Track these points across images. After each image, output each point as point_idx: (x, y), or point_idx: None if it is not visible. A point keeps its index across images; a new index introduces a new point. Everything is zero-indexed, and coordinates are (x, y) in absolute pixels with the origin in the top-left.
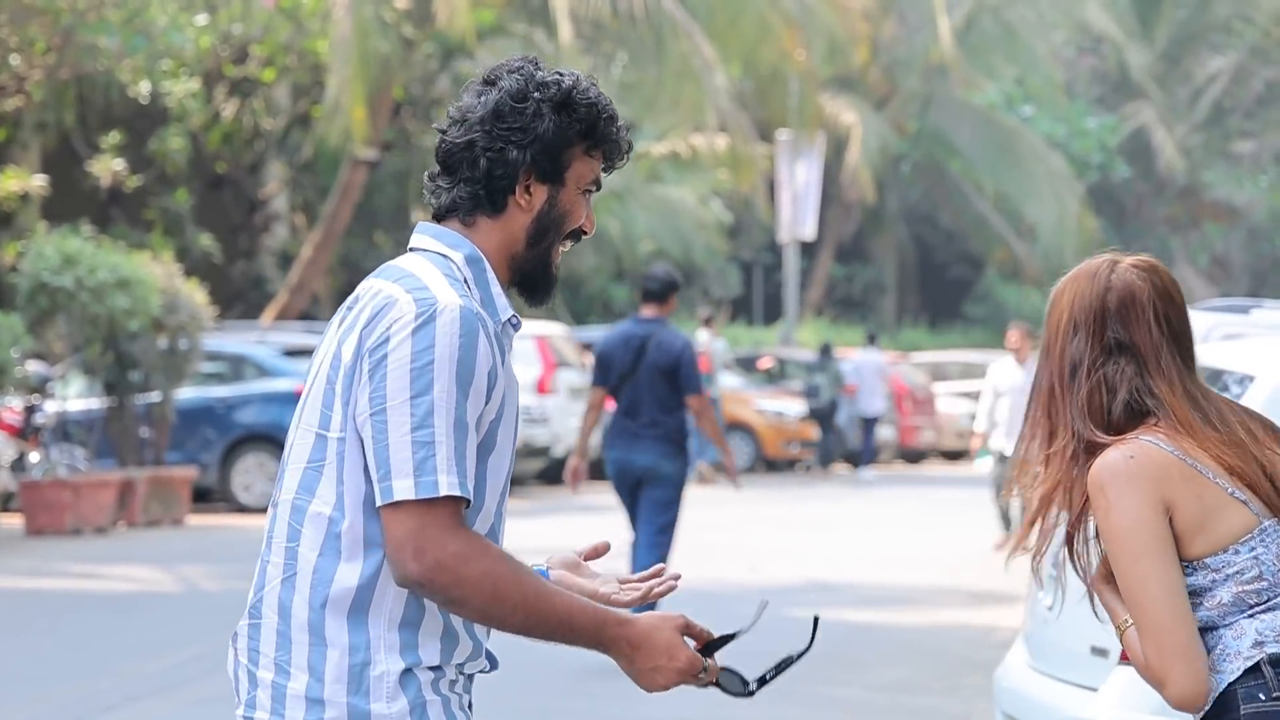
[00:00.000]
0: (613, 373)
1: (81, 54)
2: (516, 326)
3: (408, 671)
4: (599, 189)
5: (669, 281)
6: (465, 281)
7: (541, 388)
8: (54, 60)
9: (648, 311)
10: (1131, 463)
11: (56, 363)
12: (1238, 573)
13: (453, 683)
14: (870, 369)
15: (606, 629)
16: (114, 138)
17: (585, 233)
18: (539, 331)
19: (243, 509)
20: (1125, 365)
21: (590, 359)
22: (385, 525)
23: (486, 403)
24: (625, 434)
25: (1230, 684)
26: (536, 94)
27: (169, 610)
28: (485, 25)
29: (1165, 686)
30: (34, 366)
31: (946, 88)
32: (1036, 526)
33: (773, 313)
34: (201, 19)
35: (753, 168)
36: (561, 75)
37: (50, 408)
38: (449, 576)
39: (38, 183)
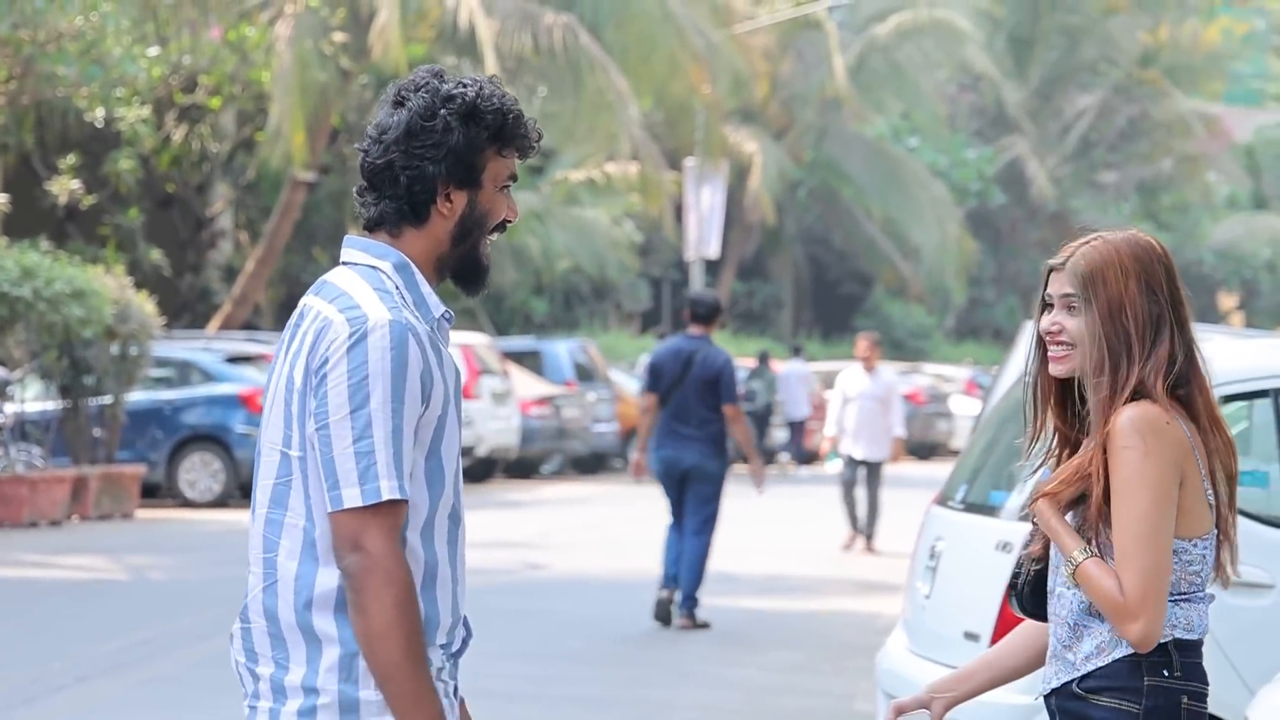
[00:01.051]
0: (663, 381)
1: (41, 81)
2: (450, 320)
3: None
4: (516, 180)
5: (714, 305)
6: (397, 288)
7: (466, 393)
8: (15, 87)
9: (695, 330)
10: (1169, 427)
11: (15, 367)
12: (1189, 562)
13: (439, 670)
14: (795, 378)
15: None
16: (71, 159)
17: (509, 222)
18: (463, 341)
19: (188, 504)
20: (1183, 321)
21: (511, 368)
22: (334, 527)
23: (425, 405)
24: (674, 435)
25: (1136, 653)
26: (444, 109)
27: (118, 598)
28: (416, 57)
29: (1136, 621)
30: None
31: (839, 120)
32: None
33: (679, 325)
34: (153, 50)
35: (661, 192)
36: (466, 85)
37: (9, 409)
38: (378, 577)
39: None
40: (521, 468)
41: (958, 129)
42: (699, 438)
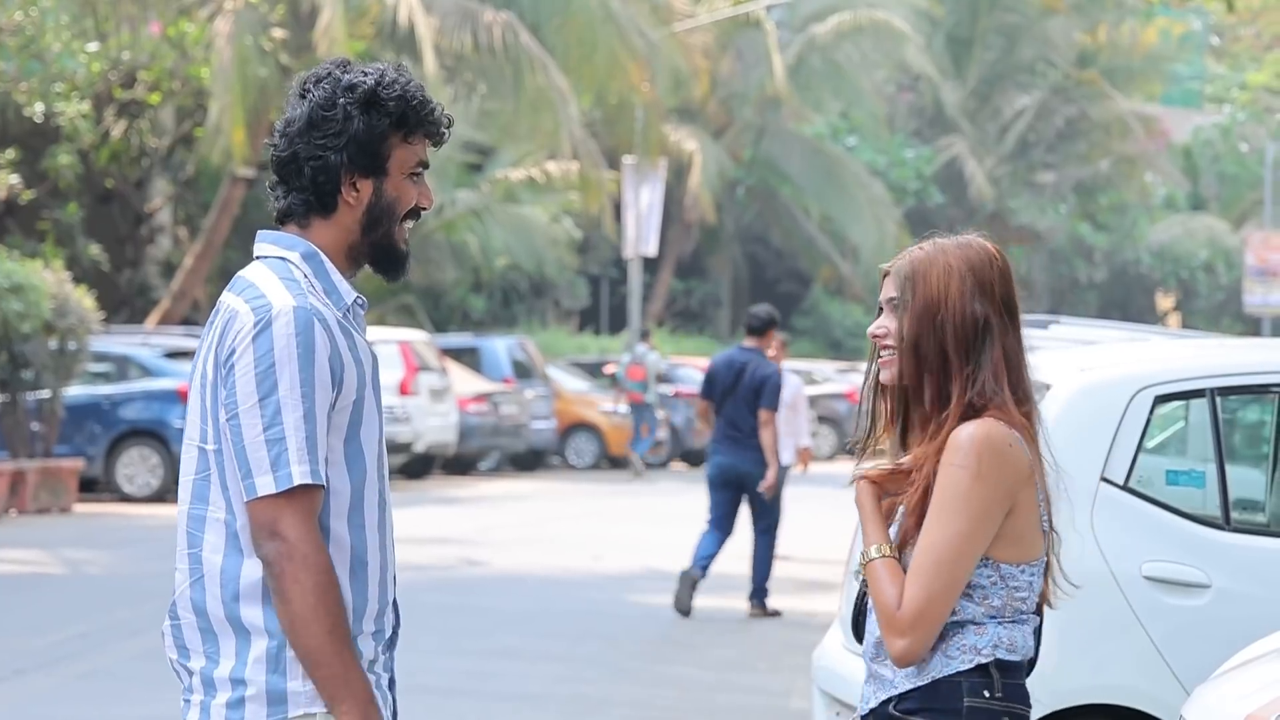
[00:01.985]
0: (716, 389)
1: None
2: (364, 306)
3: None
4: (427, 168)
5: (767, 319)
6: (305, 277)
7: (404, 389)
8: None
9: (749, 343)
10: (1011, 450)
11: None
12: (1015, 587)
13: (372, 663)
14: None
15: (370, 707)
16: (9, 154)
17: (423, 209)
18: (402, 337)
19: (126, 498)
20: (1012, 325)
21: (449, 365)
22: (250, 516)
23: (337, 389)
24: (730, 442)
25: (957, 673)
26: (343, 99)
27: (55, 591)
28: (357, 55)
29: (904, 638)
30: None
31: (778, 119)
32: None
33: (618, 323)
34: (93, 46)
35: (601, 190)
36: (367, 74)
37: None
38: (296, 563)
39: None
40: (459, 464)
41: (896, 129)
42: (753, 445)
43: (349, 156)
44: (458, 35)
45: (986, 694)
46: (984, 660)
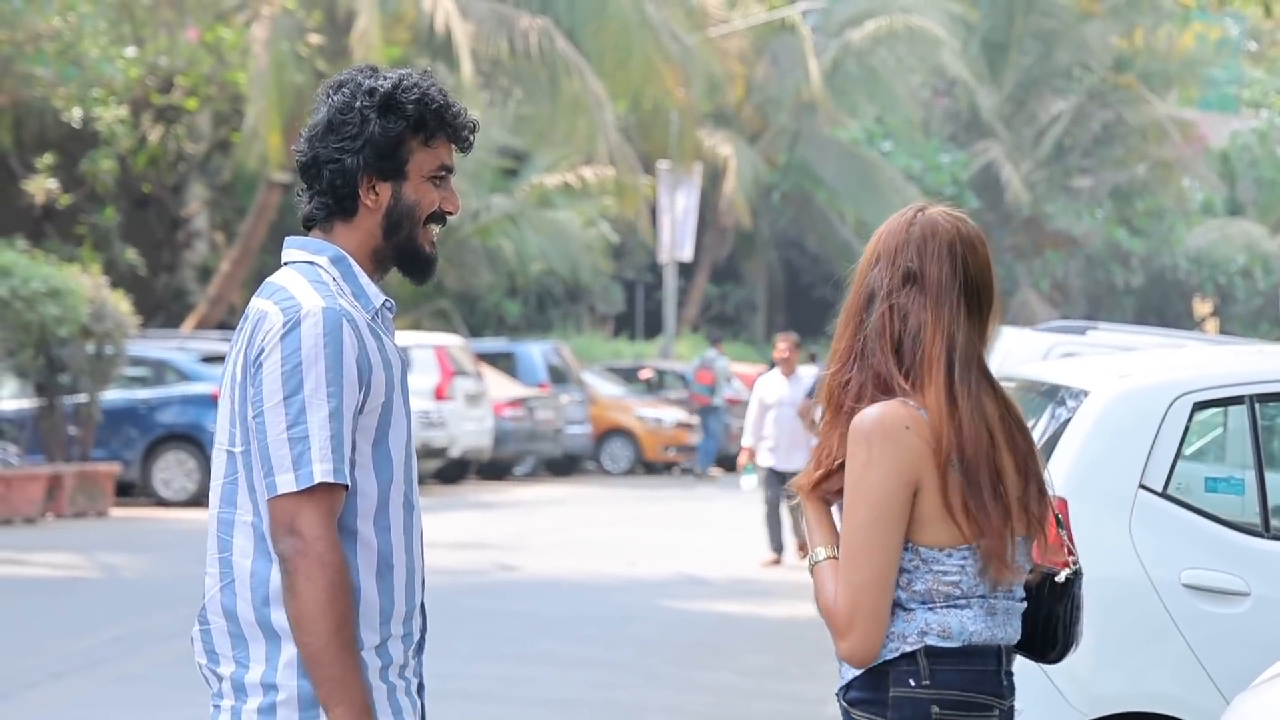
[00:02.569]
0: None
1: (19, 82)
2: (392, 309)
3: None
4: (451, 172)
5: None
6: (334, 280)
7: (440, 394)
8: None
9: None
10: (905, 433)
11: None
12: (942, 571)
13: (402, 668)
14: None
15: (365, 716)
16: (48, 159)
17: (448, 213)
18: (437, 342)
19: (162, 503)
20: (915, 293)
21: (484, 370)
22: (270, 513)
23: (364, 390)
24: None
25: (885, 662)
26: (360, 102)
27: (92, 595)
28: (393, 61)
29: (844, 638)
30: None
31: (814, 124)
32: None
33: (653, 328)
34: (130, 51)
35: (636, 195)
36: (386, 78)
37: None
38: (310, 560)
39: None
40: (494, 469)
41: (932, 134)
42: None
43: (366, 160)
44: (494, 40)
45: (912, 682)
46: (909, 648)
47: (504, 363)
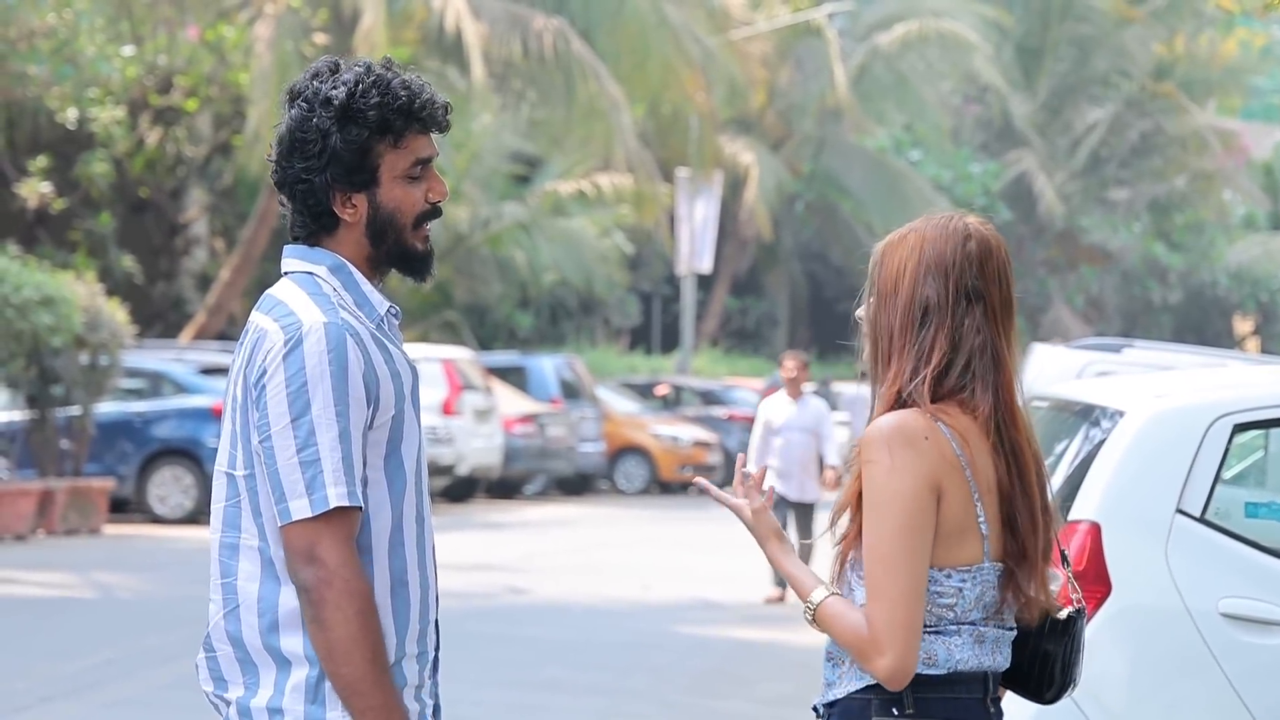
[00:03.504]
0: None
1: (12, 80)
2: (397, 316)
3: None
4: (430, 161)
5: None
6: (335, 290)
7: (447, 409)
8: None
9: None
10: (925, 442)
11: None
12: (938, 593)
13: (418, 689)
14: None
15: None
16: (41, 161)
17: (436, 203)
18: (446, 355)
19: (158, 520)
20: (980, 319)
21: (494, 384)
22: (285, 541)
23: (373, 406)
24: None
25: (866, 688)
26: (317, 118)
27: (84, 616)
28: (401, 62)
29: (882, 656)
30: None
31: (839, 132)
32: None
33: (670, 342)
34: (128, 50)
35: (654, 204)
36: (343, 82)
37: None
38: (336, 589)
39: None
40: (504, 488)
41: (962, 142)
42: None
43: (333, 176)
44: (507, 41)
45: (895, 711)
46: None
47: (514, 377)
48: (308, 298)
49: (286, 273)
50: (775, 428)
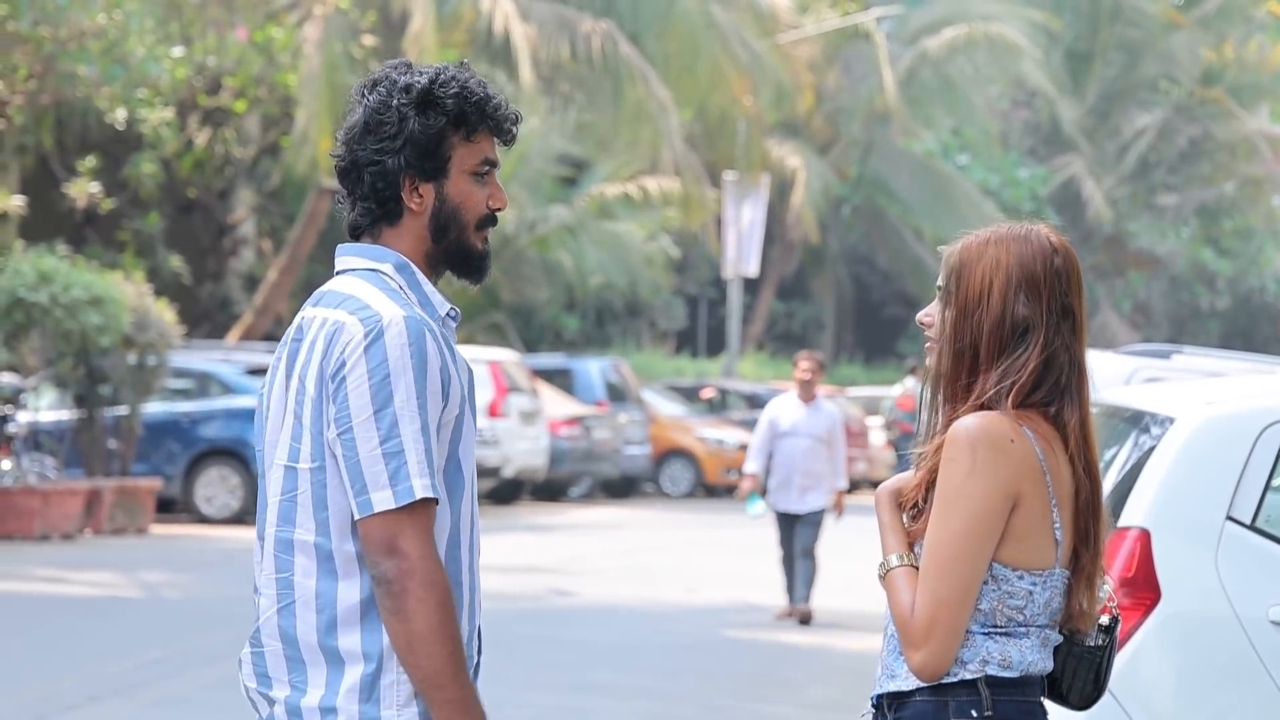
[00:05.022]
0: None
1: (61, 81)
2: (456, 318)
3: None
4: (495, 166)
5: None
6: (401, 289)
7: (493, 411)
8: (35, 86)
9: None
10: (1011, 445)
11: (29, 375)
12: (1009, 593)
13: None
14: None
15: None
16: (90, 162)
17: (496, 210)
18: (492, 357)
19: (205, 520)
20: (1068, 334)
21: (540, 386)
22: (364, 532)
23: (445, 402)
24: None
25: (944, 686)
26: (397, 100)
27: (131, 615)
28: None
29: (918, 650)
30: (7, 378)
31: (886, 136)
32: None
33: (716, 345)
34: (177, 51)
35: (701, 207)
36: (422, 73)
37: (22, 418)
38: (419, 580)
39: (16, 203)
40: (549, 490)
41: (1010, 147)
42: None
43: (407, 160)
44: (555, 44)
45: (974, 713)
46: (970, 676)
47: (560, 379)
48: (380, 292)
49: (344, 271)
50: (781, 429)
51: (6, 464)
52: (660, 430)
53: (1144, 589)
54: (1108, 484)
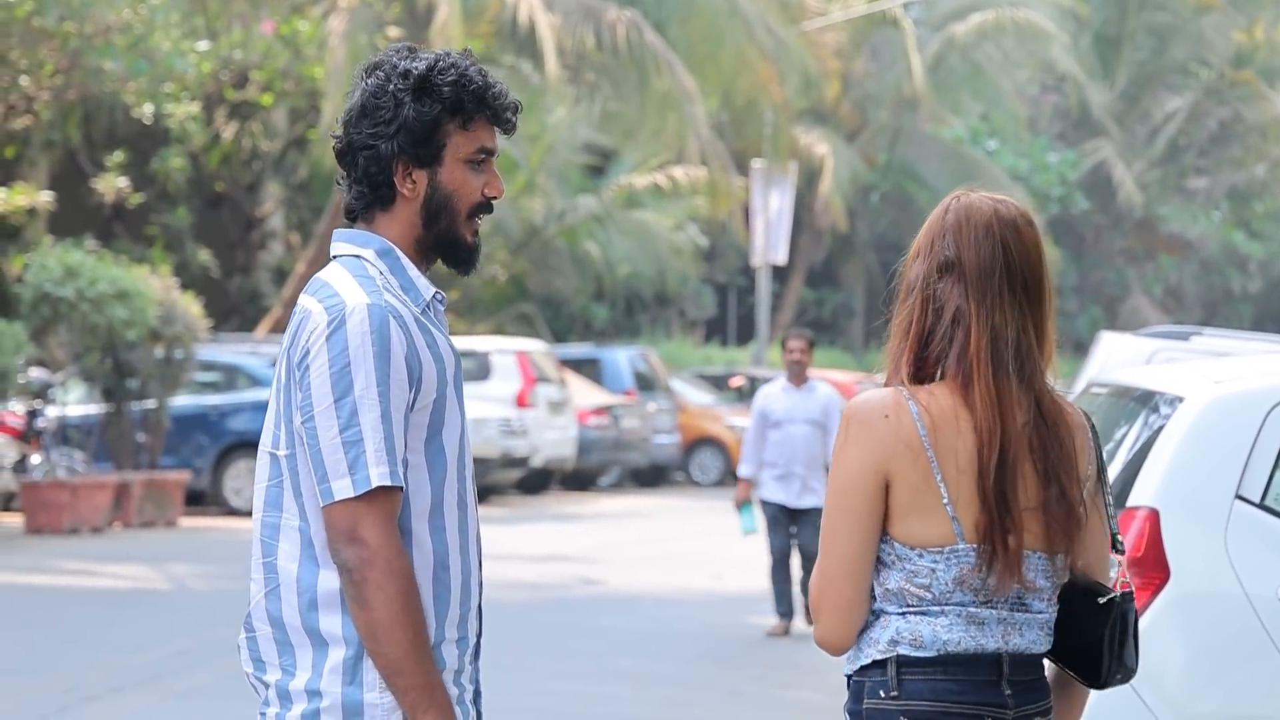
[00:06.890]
0: None
1: (88, 76)
2: (443, 301)
3: None
4: (492, 155)
5: None
6: (380, 274)
7: (521, 401)
8: (62, 82)
9: None
10: (882, 421)
11: (58, 369)
12: (912, 571)
13: (457, 673)
14: None
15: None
16: (118, 156)
17: (491, 199)
18: (520, 347)
19: (233, 512)
20: (952, 283)
21: (568, 376)
22: (326, 521)
23: (415, 388)
24: None
25: (861, 669)
26: (394, 85)
27: (158, 607)
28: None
29: (815, 625)
30: (36, 373)
31: (914, 122)
32: None
33: (745, 333)
34: (203, 45)
35: (729, 196)
36: (422, 59)
37: (51, 412)
38: (379, 568)
39: (44, 198)
40: (578, 480)
41: (1039, 132)
42: None
43: (400, 145)
44: (580, 34)
45: (882, 694)
46: (880, 656)
47: (589, 369)
48: (352, 279)
49: (334, 256)
50: (774, 419)
51: (36, 458)
52: (689, 419)
53: (1153, 568)
54: (1117, 464)
